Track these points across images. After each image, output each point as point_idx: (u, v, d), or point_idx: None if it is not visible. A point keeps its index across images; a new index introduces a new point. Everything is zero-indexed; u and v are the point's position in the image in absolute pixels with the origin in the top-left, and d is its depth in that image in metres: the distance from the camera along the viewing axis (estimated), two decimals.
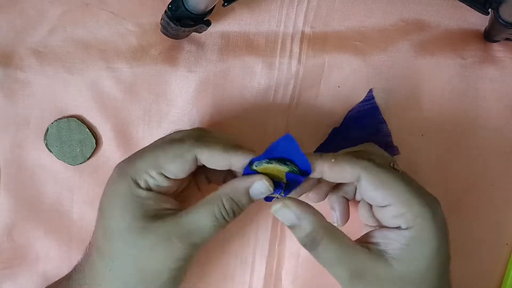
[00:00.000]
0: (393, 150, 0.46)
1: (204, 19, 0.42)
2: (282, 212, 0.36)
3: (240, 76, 0.47)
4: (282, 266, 0.48)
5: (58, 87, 0.46)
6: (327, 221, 0.37)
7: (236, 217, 0.38)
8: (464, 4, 0.43)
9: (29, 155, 0.47)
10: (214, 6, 0.42)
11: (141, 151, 0.39)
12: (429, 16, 0.47)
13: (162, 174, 0.37)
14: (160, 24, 0.44)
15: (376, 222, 0.40)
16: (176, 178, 0.38)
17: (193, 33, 0.46)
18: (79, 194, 0.48)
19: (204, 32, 0.46)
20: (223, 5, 0.43)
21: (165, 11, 0.41)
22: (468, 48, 0.47)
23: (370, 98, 0.46)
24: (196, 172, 0.39)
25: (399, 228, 0.36)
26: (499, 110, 0.47)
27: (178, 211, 0.38)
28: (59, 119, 0.47)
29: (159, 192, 0.38)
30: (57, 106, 0.47)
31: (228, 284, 0.48)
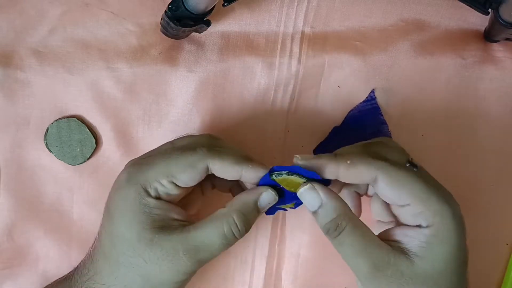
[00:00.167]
0: None
1: (204, 19, 0.42)
2: (308, 195, 0.36)
3: (240, 76, 0.47)
4: (282, 266, 0.48)
5: (58, 87, 0.46)
6: (352, 211, 0.37)
7: (244, 235, 0.37)
8: (464, 4, 0.43)
9: (29, 155, 0.47)
10: (214, 6, 0.42)
11: (152, 158, 0.39)
12: (429, 16, 0.47)
13: (173, 183, 0.38)
14: (160, 24, 0.44)
15: (390, 218, 0.40)
16: (186, 186, 0.38)
17: (193, 33, 0.46)
18: (79, 194, 0.48)
19: (204, 32, 0.46)
20: (223, 5, 0.43)
21: (165, 11, 0.41)
22: (468, 48, 0.47)
23: (372, 99, 0.46)
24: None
25: (420, 226, 0.36)
26: (499, 110, 0.47)
27: (186, 223, 0.38)
28: (59, 119, 0.47)
29: (167, 200, 0.38)
30: (57, 106, 0.47)
31: (228, 284, 0.48)
